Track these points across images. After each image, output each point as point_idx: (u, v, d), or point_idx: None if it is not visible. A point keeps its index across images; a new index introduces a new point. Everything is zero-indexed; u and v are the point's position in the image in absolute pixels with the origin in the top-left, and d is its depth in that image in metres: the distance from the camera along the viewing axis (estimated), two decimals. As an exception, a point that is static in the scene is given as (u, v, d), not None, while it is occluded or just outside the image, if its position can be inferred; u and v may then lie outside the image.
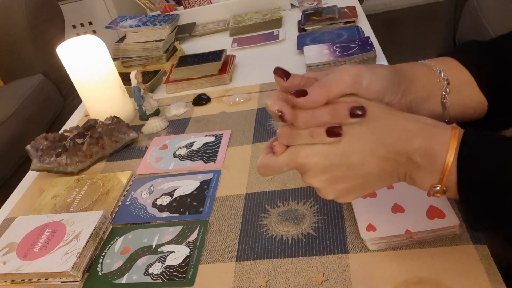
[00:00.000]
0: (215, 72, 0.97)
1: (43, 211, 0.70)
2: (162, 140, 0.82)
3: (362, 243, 0.51)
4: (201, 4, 1.33)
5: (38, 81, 1.64)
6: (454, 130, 0.38)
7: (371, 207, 0.53)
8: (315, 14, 1.16)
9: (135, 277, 0.55)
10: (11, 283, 0.59)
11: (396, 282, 0.46)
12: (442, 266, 0.47)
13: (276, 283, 0.50)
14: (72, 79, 0.87)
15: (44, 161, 0.77)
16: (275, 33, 1.15)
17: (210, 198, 0.65)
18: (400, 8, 2.81)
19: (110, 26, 1.13)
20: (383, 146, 0.39)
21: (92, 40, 0.86)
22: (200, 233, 0.59)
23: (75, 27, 2.39)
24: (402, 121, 0.40)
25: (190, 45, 1.25)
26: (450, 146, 0.37)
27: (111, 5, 2.30)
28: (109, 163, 0.80)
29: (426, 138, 0.38)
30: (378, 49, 0.94)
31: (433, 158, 0.38)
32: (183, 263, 0.55)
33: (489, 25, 1.22)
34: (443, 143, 0.38)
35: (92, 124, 0.82)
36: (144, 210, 0.66)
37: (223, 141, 0.77)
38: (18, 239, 0.62)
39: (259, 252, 0.54)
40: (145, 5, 1.46)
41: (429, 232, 0.49)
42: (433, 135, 0.38)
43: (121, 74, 0.93)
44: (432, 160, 0.38)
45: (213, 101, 0.91)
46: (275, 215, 0.59)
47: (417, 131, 0.39)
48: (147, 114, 0.90)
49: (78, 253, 0.57)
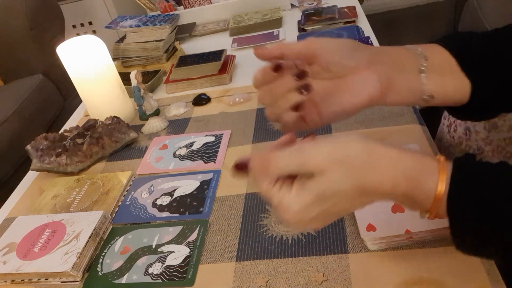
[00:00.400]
0: (215, 72, 0.97)
1: (43, 211, 0.70)
2: (162, 140, 0.82)
3: (362, 243, 0.51)
4: (201, 4, 1.33)
5: (38, 81, 1.64)
6: (441, 165, 0.37)
7: (371, 207, 0.52)
8: (315, 14, 1.16)
9: (135, 277, 0.55)
10: (11, 283, 0.59)
11: (396, 282, 0.46)
12: (442, 266, 0.47)
13: (276, 283, 0.50)
14: (72, 79, 0.87)
15: (44, 161, 0.77)
16: (275, 33, 1.15)
17: (210, 198, 0.65)
18: (400, 8, 2.80)
19: (110, 26, 1.13)
20: (361, 193, 0.38)
21: (92, 40, 0.86)
22: (200, 233, 0.59)
23: (75, 27, 2.39)
24: (384, 166, 0.38)
25: (190, 45, 1.25)
26: (439, 179, 0.36)
27: (111, 5, 2.30)
28: (109, 163, 0.80)
29: (412, 180, 0.37)
30: (378, 49, 0.93)
31: (420, 200, 0.38)
32: (183, 263, 0.55)
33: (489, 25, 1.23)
34: (431, 184, 0.37)
35: (92, 124, 0.82)
36: (144, 210, 0.66)
37: (223, 141, 0.77)
38: (18, 239, 0.62)
39: (259, 252, 0.54)
40: (145, 5, 1.46)
41: (429, 232, 0.49)
42: (420, 176, 0.37)
43: (121, 74, 0.93)
44: (418, 201, 0.38)
45: (213, 101, 0.91)
46: (275, 215, 0.59)
47: (401, 180, 0.37)
48: (147, 114, 0.90)
49: (78, 253, 0.57)
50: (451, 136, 0.83)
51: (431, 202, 0.37)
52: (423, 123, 0.69)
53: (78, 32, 2.39)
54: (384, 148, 0.38)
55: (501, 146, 0.74)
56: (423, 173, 0.37)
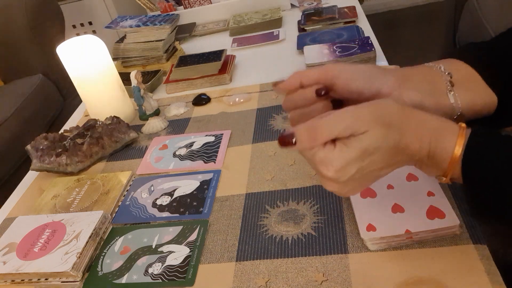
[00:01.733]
0: (215, 72, 0.97)
1: (43, 211, 0.70)
2: (162, 140, 0.82)
3: (362, 243, 0.51)
4: (201, 4, 1.33)
5: (38, 81, 1.64)
6: (461, 130, 0.40)
7: (371, 207, 0.53)
8: (315, 14, 1.16)
9: (135, 277, 0.55)
10: (11, 283, 0.59)
11: (396, 282, 0.46)
12: (442, 266, 0.47)
13: (276, 283, 0.50)
14: (72, 79, 0.87)
15: (44, 161, 0.77)
16: (275, 33, 1.15)
17: (210, 198, 0.65)
18: (400, 8, 2.81)
19: (110, 26, 1.13)
20: (397, 151, 0.41)
21: (92, 40, 0.86)
22: (200, 233, 0.59)
23: (75, 27, 2.39)
24: (414, 126, 0.41)
25: (190, 45, 1.25)
26: (457, 143, 0.40)
27: (111, 5, 2.30)
28: (109, 163, 0.80)
29: (436, 140, 0.41)
30: (378, 49, 0.93)
31: (440, 160, 0.41)
32: (183, 263, 0.55)
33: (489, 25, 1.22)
34: (450, 143, 0.40)
35: (92, 124, 0.82)
36: (144, 210, 0.66)
37: (223, 141, 0.77)
38: (18, 239, 0.62)
39: (259, 252, 0.54)
40: (145, 5, 1.46)
41: (429, 232, 0.49)
42: (441, 136, 0.41)
43: (121, 74, 0.93)
44: (438, 161, 0.41)
45: (213, 101, 0.91)
46: (275, 215, 0.59)
47: (426, 138, 0.41)
48: (147, 114, 0.90)
49: (78, 253, 0.57)
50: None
51: (448, 163, 0.40)
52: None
53: (78, 32, 2.39)
54: (415, 111, 0.42)
55: None
56: (445, 133, 0.40)
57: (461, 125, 0.41)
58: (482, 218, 0.41)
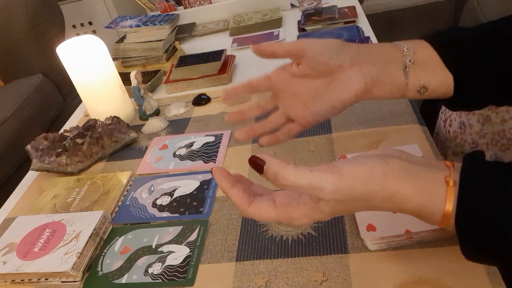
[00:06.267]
0: (215, 72, 0.97)
1: (43, 211, 0.70)
2: (162, 140, 0.82)
3: (362, 243, 0.51)
4: (201, 4, 1.33)
5: (38, 81, 1.64)
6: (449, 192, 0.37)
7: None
8: (315, 14, 1.16)
9: (135, 277, 0.55)
10: (11, 283, 0.59)
11: (396, 282, 0.46)
12: (442, 266, 0.47)
13: (276, 283, 0.50)
14: (72, 79, 0.87)
15: (44, 161, 0.77)
16: (275, 33, 1.15)
17: (210, 198, 0.65)
18: (400, 8, 2.80)
19: (110, 26, 1.13)
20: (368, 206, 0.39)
21: (92, 40, 0.86)
22: (200, 233, 0.59)
23: (75, 27, 2.39)
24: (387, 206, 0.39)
25: (190, 45, 1.25)
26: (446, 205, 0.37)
27: (111, 5, 2.30)
28: (109, 163, 0.80)
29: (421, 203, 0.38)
30: (378, 49, 0.93)
31: (428, 217, 0.38)
32: (183, 263, 0.55)
33: (489, 25, 1.22)
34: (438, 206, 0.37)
35: (92, 124, 0.82)
36: (144, 210, 0.66)
37: (223, 141, 0.77)
38: (18, 239, 0.62)
39: (259, 252, 0.54)
40: (145, 5, 1.46)
41: (429, 232, 0.49)
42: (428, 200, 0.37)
43: (121, 74, 0.93)
44: (427, 217, 0.39)
45: (213, 101, 0.91)
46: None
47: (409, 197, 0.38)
48: (147, 114, 0.90)
49: (78, 253, 0.57)
50: (446, 131, 0.83)
51: (440, 218, 0.37)
52: (423, 123, 0.69)
53: (78, 32, 2.39)
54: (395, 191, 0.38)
55: (495, 139, 0.75)
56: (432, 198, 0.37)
57: (449, 181, 0.37)
58: (476, 261, 0.40)
